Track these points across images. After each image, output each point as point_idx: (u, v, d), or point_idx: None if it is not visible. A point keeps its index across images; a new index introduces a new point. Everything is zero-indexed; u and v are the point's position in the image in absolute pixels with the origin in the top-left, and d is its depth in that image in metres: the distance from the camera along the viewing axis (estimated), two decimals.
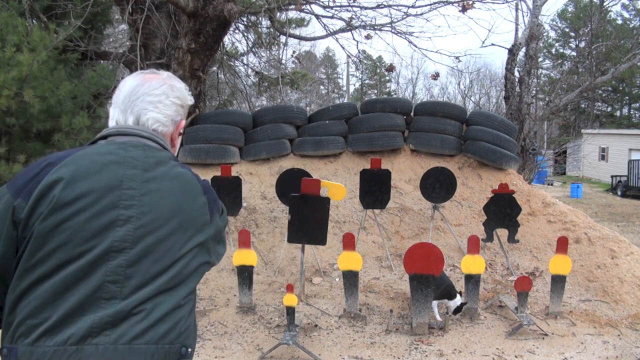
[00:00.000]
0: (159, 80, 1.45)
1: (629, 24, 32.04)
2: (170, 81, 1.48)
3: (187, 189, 1.34)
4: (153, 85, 1.43)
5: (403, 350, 3.97)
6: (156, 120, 1.42)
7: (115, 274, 1.18)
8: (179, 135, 1.54)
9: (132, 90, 1.42)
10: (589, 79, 13.35)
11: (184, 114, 1.52)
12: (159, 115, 1.42)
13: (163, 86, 1.44)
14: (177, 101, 1.47)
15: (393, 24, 8.98)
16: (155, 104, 1.42)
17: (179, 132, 1.53)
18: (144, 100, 1.41)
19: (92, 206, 1.21)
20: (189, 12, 6.41)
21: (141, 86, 1.43)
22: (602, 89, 35.09)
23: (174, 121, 1.47)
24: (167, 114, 1.44)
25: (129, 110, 1.41)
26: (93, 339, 1.13)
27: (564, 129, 29.75)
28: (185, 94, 1.51)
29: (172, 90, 1.46)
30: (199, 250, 1.34)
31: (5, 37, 5.79)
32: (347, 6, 9.09)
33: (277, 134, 6.87)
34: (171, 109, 1.45)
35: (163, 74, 1.49)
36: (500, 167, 6.79)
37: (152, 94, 1.42)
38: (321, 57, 39.78)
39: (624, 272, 5.21)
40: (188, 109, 1.56)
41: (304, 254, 4.71)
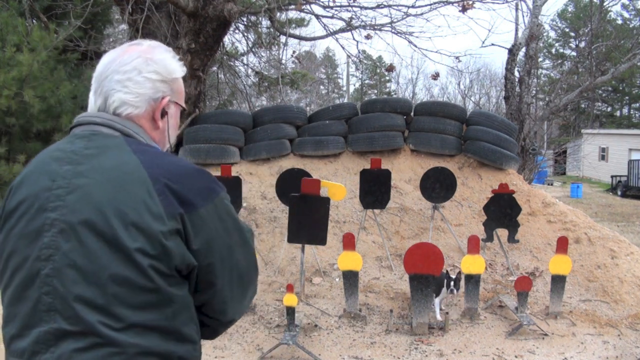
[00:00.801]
0: (134, 53, 1.25)
1: (629, 24, 32.05)
2: (148, 53, 1.26)
3: (123, 181, 1.10)
4: (125, 59, 1.24)
5: (403, 350, 3.97)
6: (123, 102, 1.22)
7: (47, 285, 1.06)
8: (164, 114, 1.30)
9: (104, 68, 1.25)
10: (589, 79, 13.35)
11: (169, 90, 1.29)
12: (127, 95, 1.22)
13: (136, 60, 1.24)
14: (153, 76, 1.24)
15: (393, 24, 8.97)
16: (124, 83, 1.22)
17: (163, 110, 1.28)
18: (112, 79, 1.22)
19: (28, 211, 1.11)
20: (189, 12, 6.41)
21: (113, 62, 1.24)
22: (602, 89, 35.08)
23: (152, 99, 1.25)
24: (139, 93, 1.23)
25: (98, 92, 1.24)
26: (42, 355, 1.04)
27: (564, 129, 29.76)
28: (168, 66, 1.28)
29: (147, 63, 1.24)
30: None
31: (5, 37, 5.80)
32: (347, 6, 9.08)
33: (277, 134, 6.87)
34: (145, 85, 1.23)
35: (144, 44, 1.29)
36: (500, 167, 6.79)
37: (120, 71, 1.22)
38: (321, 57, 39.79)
39: (624, 272, 5.21)
40: (178, 82, 1.33)
41: (304, 254, 4.71)
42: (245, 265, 1.25)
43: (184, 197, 1.13)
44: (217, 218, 1.18)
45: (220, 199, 1.20)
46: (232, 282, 1.21)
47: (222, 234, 1.18)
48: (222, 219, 1.19)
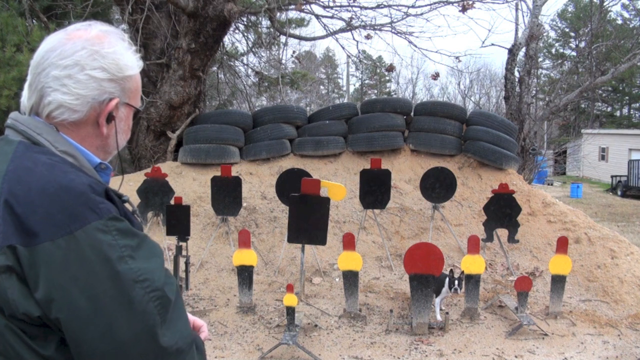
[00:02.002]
0: (79, 43, 1.02)
1: (629, 24, 32.04)
2: (95, 43, 1.03)
3: None
4: (66, 50, 1.01)
5: (403, 350, 3.97)
6: (60, 105, 1.01)
7: None
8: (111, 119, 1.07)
9: (42, 58, 1.02)
10: (589, 79, 13.35)
11: (119, 90, 1.06)
12: (65, 97, 1.00)
13: (80, 52, 1.01)
14: (99, 74, 1.02)
15: (393, 24, 8.98)
16: (62, 81, 1.00)
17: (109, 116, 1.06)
18: (48, 74, 1.01)
19: None
20: (189, 12, 6.42)
21: (52, 52, 1.02)
22: (602, 89, 35.08)
23: (95, 102, 1.03)
24: (80, 94, 1.01)
25: (33, 86, 1.03)
26: None
27: (564, 129, 29.75)
28: (119, 61, 1.05)
29: (94, 58, 1.02)
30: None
31: (5, 37, 5.80)
32: (347, 6, 9.09)
33: (277, 134, 6.87)
34: (87, 86, 1.02)
35: (92, 30, 1.06)
36: (500, 167, 6.79)
37: (60, 65, 1.01)
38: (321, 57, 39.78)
39: (624, 272, 5.21)
40: (131, 80, 1.09)
41: (304, 254, 4.71)
42: (127, 336, 0.87)
43: (25, 224, 0.86)
44: (75, 257, 0.85)
45: (87, 230, 0.87)
46: (104, 356, 0.86)
47: (79, 281, 0.85)
48: (83, 259, 0.86)
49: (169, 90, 6.79)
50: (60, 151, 0.99)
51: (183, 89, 6.82)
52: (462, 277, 4.34)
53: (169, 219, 4.81)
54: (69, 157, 0.99)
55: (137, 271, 0.89)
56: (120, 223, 0.92)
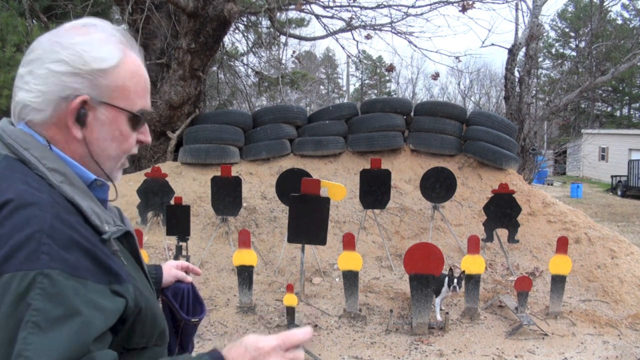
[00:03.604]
0: (45, 36, 0.96)
1: (629, 24, 32.04)
2: (60, 35, 0.94)
3: None
4: (34, 45, 0.95)
5: (403, 350, 3.97)
6: (24, 104, 0.94)
7: None
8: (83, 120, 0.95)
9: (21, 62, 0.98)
10: (589, 79, 13.35)
11: (89, 86, 0.94)
12: (27, 95, 0.93)
13: (43, 45, 0.94)
14: (58, 67, 0.92)
15: (393, 24, 8.99)
16: (25, 78, 0.94)
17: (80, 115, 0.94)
18: (18, 73, 0.96)
19: None
20: (189, 12, 6.42)
21: (27, 53, 0.97)
22: (602, 89, 35.09)
23: (59, 99, 0.92)
24: (40, 91, 0.92)
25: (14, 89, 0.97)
26: None
27: (564, 129, 29.75)
28: (84, 53, 0.93)
29: (53, 50, 0.92)
30: None
31: (5, 37, 5.80)
32: (347, 6, 9.10)
33: (277, 134, 6.87)
34: (47, 81, 0.92)
35: (68, 25, 0.98)
36: (500, 167, 6.79)
37: (25, 62, 0.95)
38: (321, 57, 39.78)
39: (624, 272, 5.21)
40: (109, 74, 0.95)
41: (304, 254, 4.71)
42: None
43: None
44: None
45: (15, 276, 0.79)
46: None
47: None
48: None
49: (169, 90, 6.79)
50: (49, 168, 0.91)
51: (183, 89, 6.82)
52: (462, 276, 4.34)
53: (169, 219, 4.81)
54: (57, 175, 0.91)
55: (29, 346, 0.76)
56: (53, 283, 0.79)
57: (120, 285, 0.90)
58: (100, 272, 0.87)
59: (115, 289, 0.89)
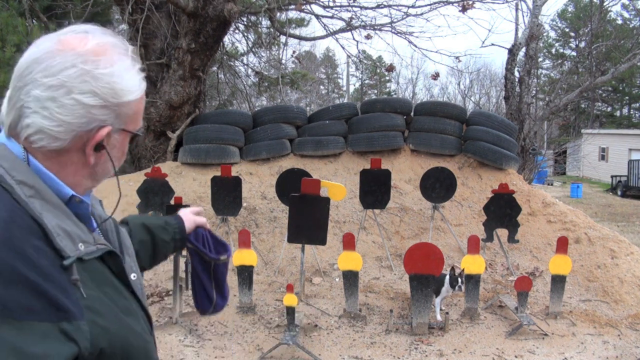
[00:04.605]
0: (69, 57, 0.86)
1: (629, 24, 32.05)
2: (88, 62, 0.87)
3: None
4: (53, 65, 0.85)
5: (403, 350, 3.97)
6: (39, 130, 0.86)
7: None
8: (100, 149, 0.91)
9: (27, 67, 0.87)
10: (589, 79, 13.36)
11: (113, 117, 0.91)
12: (45, 121, 0.85)
13: (68, 71, 0.85)
14: (88, 100, 0.87)
15: (393, 24, 9.00)
16: (44, 103, 0.85)
17: (97, 144, 0.90)
18: (29, 93, 0.86)
19: None
20: (189, 12, 6.42)
21: (37, 64, 0.86)
22: (602, 89, 35.10)
23: (82, 131, 0.88)
24: (63, 121, 0.86)
25: (12, 101, 0.88)
26: None
27: (564, 129, 29.76)
28: (116, 85, 0.90)
29: (84, 80, 0.86)
30: None
31: (5, 37, 5.80)
32: (347, 6, 9.11)
33: (277, 134, 6.87)
34: (73, 112, 0.86)
35: (90, 42, 0.89)
36: (500, 167, 6.80)
37: (43, 84, 0.85)
38: (321, 57, 39.78)
39: (624, 272, 5.21)
40: (130, 105, 0.93)
41: (304, 254, 4.71)
42: None
43: None
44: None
45: None
46: None
47: None
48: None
49: (169, 90, 6.79)
50: (17, 181, 0.83)
51: (183, 89, 6.82)
52: (463, 274, 4.35)
53: None
54: (26, 189, 0.84)
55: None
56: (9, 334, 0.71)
57: (70, 323, 0.79)
58: (46, 308, 0.77)
59: (64, 327, 0.78)
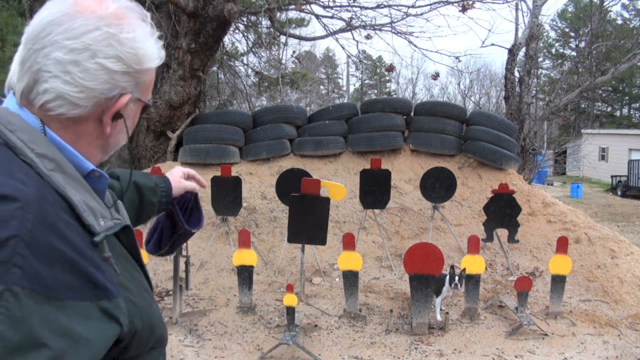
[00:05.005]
0: (92, 20, 0.82)
1: (629, 24, 32.05)
2: (112, 25, 0.83)
3: None
4: (75, 27, 0.81)
5: (403, 350, 3.97)
6: (58, 96, 0.81)
7: None
8: (117, 118, 0.89)
9: (43, 29, 0.81)
10: (589, 79, 13.36)
11: (133, 84, 0.88)
12: (67, 87, 0.81)
13: (93, 33, 0.82)
14: (112, 65, 0.84)
15: (393, 24, 9.00)
16: (66, 66, 0.80)
17: (115, 113, 0.88)
18: (49, 55, 0.80)
19: None
20: (189, 12, 6.42)
21: (58, 25, 0.81)
22: (602, 89, 35.11)
23: (102, 98, 0.85)
24: (86, 87, 0.82)
25: (26, 65, 0.83)
26: None
27: (564, 129, 29.76)
28: (139, 50, 0.87)
29: (109, 43, 0.83)
30: None
31: (5, 37, 5.80)
32: (347, 6, 9.11)
33: (277, 134, 6.87)
34: (97, 77, 0.83)
35: (110, 6, 0.85)
36: (500, 167, 6.80)
37: (65, 46, 0.80)
38: (321, 57, 39.79)
39: (624, 272, 5.21)
40: (148, 73, 0.91)
41: (304, 254, 4.71)
42: None
43: None
44: None
45: None
46: None
47: None
48: None
49: (169, 90, 6.79)
50: (38, 154, 0.78)
51: (183, 89, 6.82)
52: (463, 274, 4.34)
53: None
54: (47, 162, 0.79)
55: None
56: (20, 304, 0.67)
57: (110, 301, 0.78)
58: (85, 286, 0.75)
59: (104, 305, 0.77)
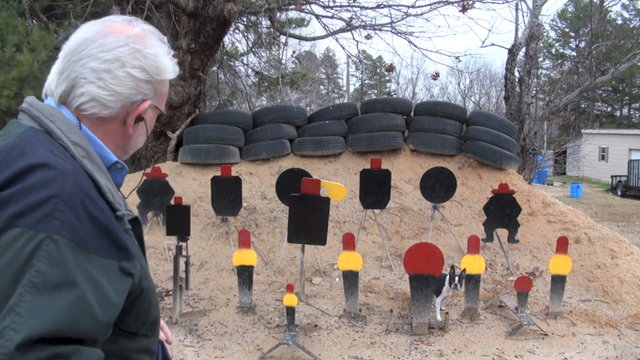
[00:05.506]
0: (121, 38, 1.01)
1: (629, 24, 32.04)
2: (138, 42, 1.02)
3: None
4: (108, 43, 1.00)
5: (403, 350, 3.97)
6: (93, 98, 0.99)
7: None
8: (138, 121, 1.07)
9: (79, 46, 1.00)
10: (589, 79, 13.36)
11: (153, 92, 1.07)
12: (100, 91, 0.99)
13: (122, 48, 1.00)
14: (138, 74, 1.02)
15: (393, 24, 9.00)
16: (100, 74, 0.98)
17: (138, 116, 1.06)
18: (85, 65, 0.99)
19: None
20: (189, 12, 6.42)
21: (92, 42, 1.00)
22: (602, 89, 35.09)
23: (128, 102, 1.03)
24: (116, 91, 1.00)
25: (64, 74, 1.00)
26: None
27: (564, 129, 29.76)
28: (160, 64, 1.06)
29: (135, 56, 1.01)
30: None
31: (5, 37, 5.81)
32: (347, 6, 9.11)
33: (277, 134, 6.87)
34: (125, 83, 1.00)
35: (135, 28, 1.05)
36: (500, 167, 6.79)
37: (99, 58, 0.99)
38: (321, 57, 39.78)
39: (624, 272, 5.21)
40: (164, 84, 1.11)
41: (304, 254, 4.71)
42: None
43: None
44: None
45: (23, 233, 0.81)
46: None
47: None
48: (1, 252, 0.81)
49: (169, 90, 6.79)
50: (72, 142, 0.95)
51: (183, 89, 6.82)
52: (463, 274, 4.34)
53: (169, 219, 4.81)
54: (80, 150, 0.95)
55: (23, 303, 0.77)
56: (59, 250, 0.80)
57: (129, 262, 0.92)
58: (111, 247, 0.89)
59: (124, 265, 0.91)
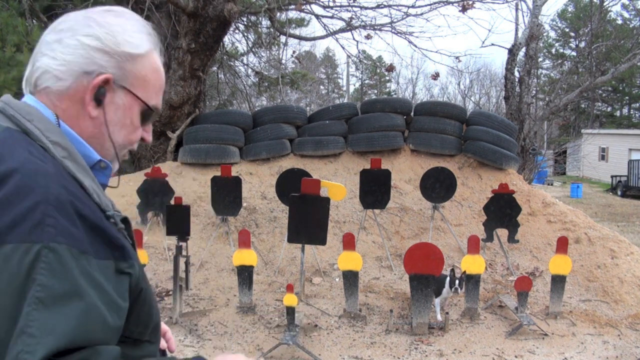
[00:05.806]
0: (79, 13, 0.96)
1: (629, 24, 32.05)
2: (97, 14, 0.95)
3: None
4: (66, 18, 0.96)
5: (403, 350, 3.97)
6: (45, 70, 0.92)
7: None
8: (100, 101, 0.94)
9: (48, 29, 0.97)
10: (589, 79, 13.36)
11: (115, 67, 0.94)
12: (52, 61, 0.92)
13: (76, 18, 0.95)
14: (89, 41, 0.92)
15: (393, 24, 9.00)
16: (52, 45, 0.93)
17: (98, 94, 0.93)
18: (43, 40, 0.95)
19: None
20: (189, 12, 6.42)
21: (57, 23, 0.97)
22: (602, 89, 35.09)
23: (81, 72, 0.92)
24: (66, 60, 0.91)
25: (33, 57, 0.96)
26: None
27: (564, 129, 29.76)
28: (118, 34, 0.94)
29: (88, 24, 0.93)
30: None
31: (5, 37, 5.80)
32: (347, 6, 9.12)
33: (277, 134, 6.87)
34: (75, 52, 0.91)
35: (105, 8, 0.99)
36: (500, 167, 6.79)
37: (55, 29, 0.94)
38: (321, 57, 39.78)
39: (624, 272, 5.21)
40: (136, 62, 0.96)
41: (304, 254, 4.71)
42: None
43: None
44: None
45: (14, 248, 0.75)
46: None
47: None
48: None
49: (169, 90, 6.79)
50: (52, 141, 0.88)
51: (183, 89, 6.82)
52: (464, 277, 4.34)
53: (169, 219, 4.81)
54: (60, 150, 0.88)
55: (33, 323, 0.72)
56: (59, 258, 0.75)
57: (126, 261, 0.88)
58: (106, 247, 0.84)
59: (121, 266, 0.87)
